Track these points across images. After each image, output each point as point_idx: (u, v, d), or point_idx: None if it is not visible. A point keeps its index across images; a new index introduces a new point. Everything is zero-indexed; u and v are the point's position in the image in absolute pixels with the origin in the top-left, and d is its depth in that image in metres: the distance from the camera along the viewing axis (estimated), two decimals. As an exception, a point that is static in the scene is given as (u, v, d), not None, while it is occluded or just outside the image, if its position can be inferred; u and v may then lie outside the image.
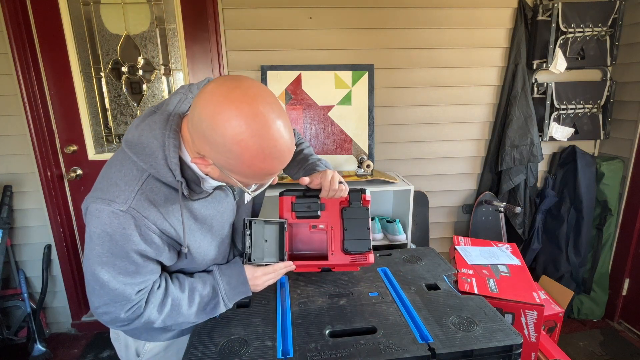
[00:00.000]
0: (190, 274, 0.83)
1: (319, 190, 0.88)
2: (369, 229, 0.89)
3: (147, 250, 0.70)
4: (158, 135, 0.67)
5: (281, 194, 0.91)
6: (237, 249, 0.92)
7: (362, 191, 0.91)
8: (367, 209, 0.90)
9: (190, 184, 0.73)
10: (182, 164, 0.70)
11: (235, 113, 0.58)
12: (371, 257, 0.89)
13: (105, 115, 2.00)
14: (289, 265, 0.87)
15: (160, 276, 0.78)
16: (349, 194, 0.90)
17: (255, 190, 0.76)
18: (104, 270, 0.68)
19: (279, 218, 0.90)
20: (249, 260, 0.82)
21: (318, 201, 0.89)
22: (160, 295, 0.75)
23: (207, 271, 0.84)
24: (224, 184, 0.81)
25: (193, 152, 0.68)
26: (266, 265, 0.84)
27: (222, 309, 0.80)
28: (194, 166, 0.71)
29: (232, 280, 0.81)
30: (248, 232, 0.82)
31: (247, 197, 0.91)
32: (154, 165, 0.68)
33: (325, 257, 0.90)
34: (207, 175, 0.72)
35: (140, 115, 0.74)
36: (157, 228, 0.69)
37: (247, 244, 0.82)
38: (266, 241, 0.87)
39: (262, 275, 0.84)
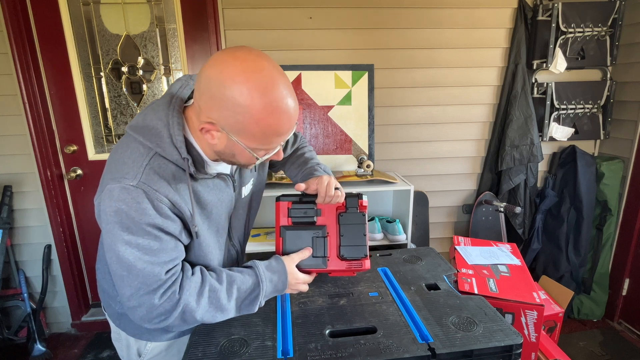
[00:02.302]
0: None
1: (316, 195, 0.88)
2: (365, 235, 0.89)
3: (165, 224, 0.69)
4: (162, 116, 0.69)
5: (278, 199, 0.91)
6: (232, 245, 0.92)
7: (359, 196, 0.90)
8: (364, 215, 0.90)
9: (196, 164, 0.73)
10: (187, 144, 0.71)
11: (242, 68, 0.61)
12: (367, 263, 0.89)
13: (105, 115, 2.00)
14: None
15: (194, 267, 0.76)
16: (345, 199, 0.89)
17: (264, 156, 0.73)
18: (127, 251, 0.67)
19: (276, 224, 0.90)
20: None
21: (314, 207, 0.89)
22: (197, 282, 0.73)
23: (246, 266, 0.83)
24: (226, 173, 0.81)
25: (201, 122, 0.68)
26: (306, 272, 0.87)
27: (255, 308, 0.78)
28: (197, 147, 0.73)
29: (275, 278, 0.80)
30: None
31: (245, 192, 0.91)
32: (159, 144, 0.69)
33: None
34: (214, 149, 0.71)
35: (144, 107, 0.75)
36: (168, 201, 0.69)
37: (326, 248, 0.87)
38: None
39: (303, 284, 0.85)
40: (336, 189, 0.86)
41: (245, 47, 0.65)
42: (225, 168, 0.82)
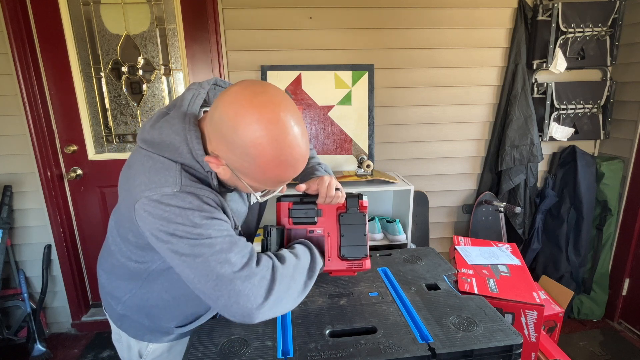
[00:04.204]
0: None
1: (317, 196, 0.88)
2: (365, 235, 0.89)
3: (222, 217, 0.68)
4: (179, 130, 0.67)
5: (278, 200, 0.91)
6: None
7: (360, 197, 0.90)
8: (365, 215, 0.90)
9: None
10: None
11: (257, 117, 0.59)
12: (367, 263, 0.89)
13: (105, 115, 2.00)
14: None
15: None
16: (346, 199, 0.89)
17: (263, 196, 0.77)
18: (211, 258, 0.64)
19: (277, 224, 0.90)
20: None
21: (315, 207, 0.89)
22: (271, 258, 0.72)
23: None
24: None
25: (207, 154, 0.68)
26: None
27: (318, 261, 0.81)
28: None
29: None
30: (268, 239, 0.82)
31: (253, 199, 0.91)
32: (180, 160, 0.68)
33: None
34: (218, 175, 0.71)
35: (151, 117, 0.74)
36: (211, 200, 0.68)
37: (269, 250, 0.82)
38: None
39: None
40: (337, 189, 0.87)
41: (266, 89, 0.62)
42: None
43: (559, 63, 1.96)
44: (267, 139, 0.60)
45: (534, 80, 2.08)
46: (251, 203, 0.91)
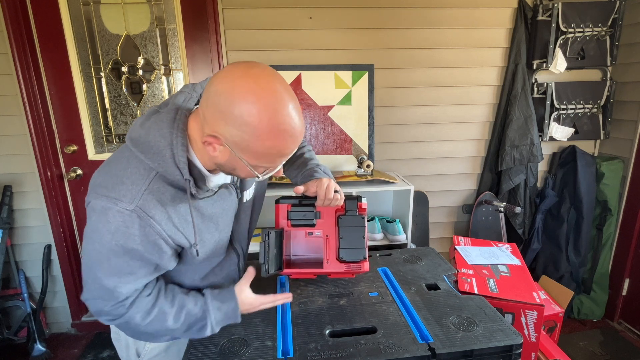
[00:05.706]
0: (185, 289, 0.83)
1: (315, 198, 0.88)
2: (364, 238, 0.89)
3: (146, 252, 0.69)
4: (166, 134, 0.68)
5: (277, 202, 0.91)
6: (234, 249, 0.92)
7: (358, 199, 0.90)
8: (363, 217, 0.89)
9: (197, 182, 0.73)
10: (189, 163, 0.70)
11: (253, 87, 0.60)
12: (366, 266, 0.89)
13: (105, 115, 1.99)
14: (287, 297, 0.86)
15: (155, 284, 0.77)
16: (345, 201, 0.89)
17: (264, 174, 0.74)
18: (99, 267, 0.69)
19: (275, 226, 0.90)
20: (266, 271, 0.82)
21: (314, 209, 0.89)
22: (148, 303, 0.75)
23: (200, 291, 0.83)
24: (228, 182, 0.81)
25: (204, 134, 0.67)
26: (265, 294, 0.84)
27: (208, 332, 0.78)
28: (199, 165, 0.72)
29: (224, 307, 0.79)
30: (267, 242, 0.82)
31: (247, 196, 0.91)
32: (161, 164, 0.68)
33: (322, 263, 0.90)
34: (215, 161, 0.71)
35: (142, 115, 0.74)
36: (161, 229, 0.69)
37: (266, 255, 0.82)
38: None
39: (259, 305, 0.83)
40: (335, 191, 0.86)
41: (259, 64, 0.64)
42: (225, 178, 0.82)
43: (559, 63, 1.96)
44: (265, 108, 0.60)
45: (534, 80, 2.08)
46: (244, 200, 0.90)
